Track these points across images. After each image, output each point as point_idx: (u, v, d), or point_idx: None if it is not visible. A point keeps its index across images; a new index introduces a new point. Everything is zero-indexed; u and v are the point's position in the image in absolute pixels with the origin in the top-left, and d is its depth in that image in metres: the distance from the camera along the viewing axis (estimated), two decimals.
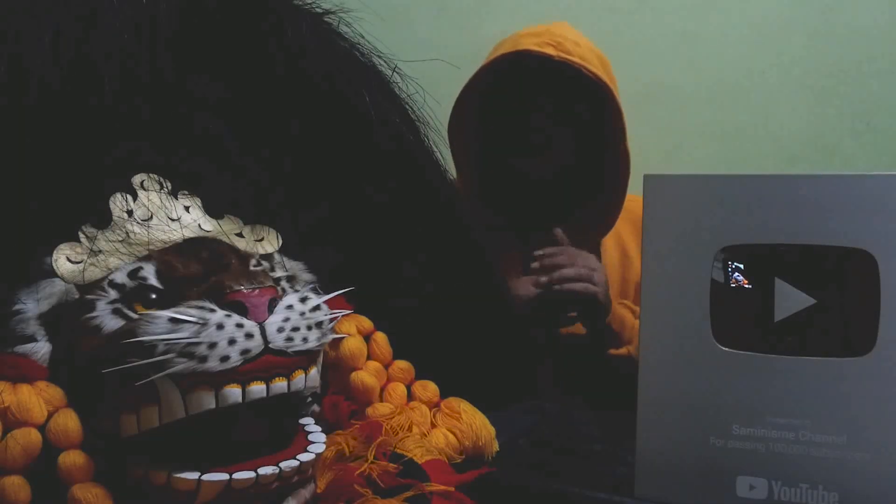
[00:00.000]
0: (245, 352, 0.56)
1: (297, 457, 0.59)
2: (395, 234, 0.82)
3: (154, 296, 0.61)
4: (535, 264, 1.15)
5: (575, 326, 1.22)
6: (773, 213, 0.65)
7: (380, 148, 0.81)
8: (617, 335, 1.18)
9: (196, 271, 0.62)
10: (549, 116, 1.22)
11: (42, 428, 0.56)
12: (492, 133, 1.28)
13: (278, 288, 0.63)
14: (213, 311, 0.57)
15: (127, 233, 0.64)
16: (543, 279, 1.13)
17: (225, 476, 0.55)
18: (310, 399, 0.68)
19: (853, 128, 1.48)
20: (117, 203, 0.65)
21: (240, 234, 0.70)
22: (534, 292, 1.14)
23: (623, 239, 1.32)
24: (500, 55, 1.21)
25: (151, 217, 0.66)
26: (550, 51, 1.18)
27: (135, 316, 0.59)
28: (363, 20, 0.82)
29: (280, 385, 0.58)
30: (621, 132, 1.21)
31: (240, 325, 0.57)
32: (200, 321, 0.56)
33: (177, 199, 0.68)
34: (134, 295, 0.61)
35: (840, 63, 1.47)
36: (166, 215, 0.66)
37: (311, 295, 0.63)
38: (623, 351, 1.18)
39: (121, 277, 0.61)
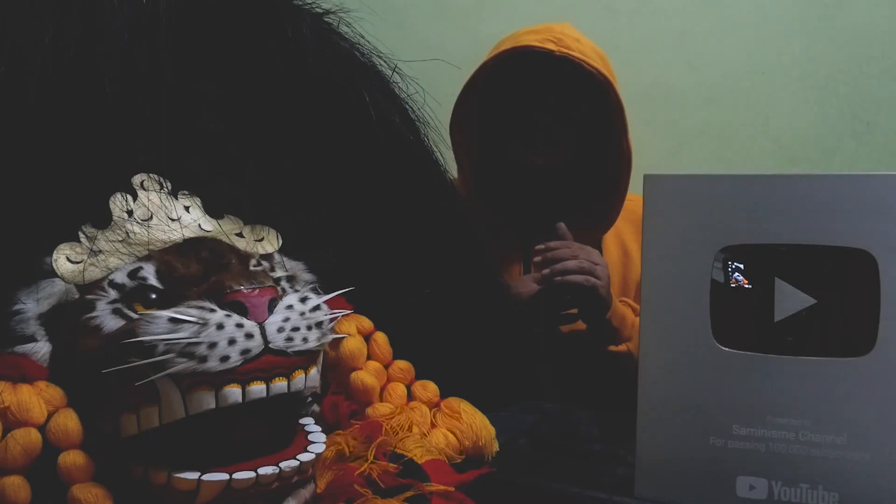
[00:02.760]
0: (245, 352, 0.56)
1: (297, 457, 0.58)
2: (395, 234, 0.82)
3: (154, 296, 0.61)
4: (536, 258, 1.15)
5: (576, 324, 1.21)
6: (773, 213, 0.65)
7: (380, 148, 0.81)
8: (617, 331, 1.18)
9: (196, 271, 0.62)
10: (550, 112, 1.22)
11: (42, 428, 0.56)
12: (493, 131, 1.28)
13: (278, 288, 0.63)
14: (213, 311, 0.57)
15: (127, 233, 0.64)
16: (545, 272, 1.13)
17: (225, 476, 0.55)
18: (310, 399, 0.68)
19: (853, 128, 1.48)
20: (117, 203, 0.65)
21: (240, 234, 0.70)
22: (534, 289, 1.14)
23: (624, 238, 1.32)
24: (502, 51, 1.21)
25: (151, 217, 0.66)
26: (551, 46, 1.18)
27: (135, 316, 0.59)
28: (363, 20, 0.82)
29: (280, 385, 0.58)
30: (622, 128, 1.21)
31: (240, 325, 0.57)
32: (200, 321, 0.56)
33: (177, 199, 0.68)
34: (134, 295, 0.61)
35: (840, 63, 1.47)
36: (166, 215, 0.66)
37: (311, 295, 0.63)
38: (622, 348, 1.18)
39: (121, 277, 0.61)
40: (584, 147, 1.26)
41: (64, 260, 0.62)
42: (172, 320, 0.56)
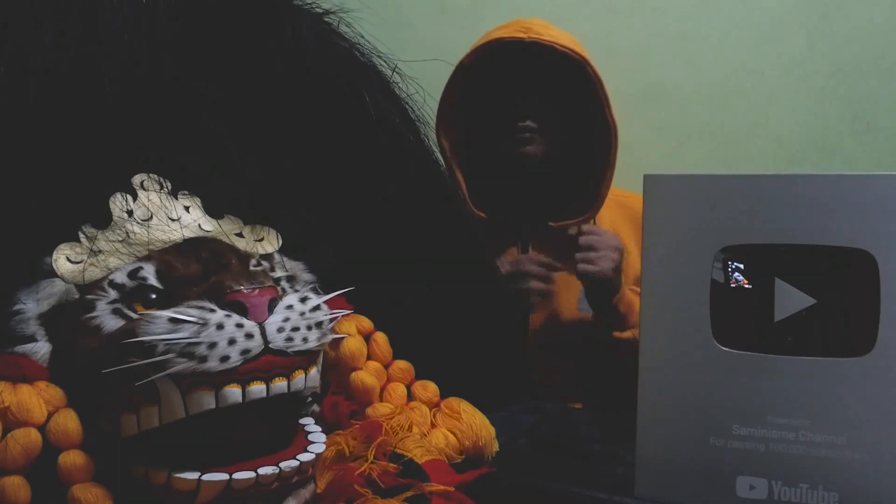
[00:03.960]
0: (245, 352, 0.56)
1: (297, 457, 0.59)
2: (395, 233, 0.82)
3: (154, 296, 0.61)
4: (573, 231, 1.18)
5: (584, 314, 1.22)
6: (773, 213, 0.65)
7: (380, 148, 0.81)
8: (623, 318, 1.19)
9: (196, 271, 0.62)
10: (533, 100, 1.23)
11: (42, 428, 0.56)
12: (480, 131, 1.29)
13: (278, 288, 0.63)
14: (213, 311, 0.57)
15: (127, 233, 0.64)
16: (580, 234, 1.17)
17: (225, 476, 0.55)
18: (310, 399, 0.68)
19: (853, 128, 1.48)
20: (117, 203, 0.65)
21: (240, 234, 0.70)
22: (507, 269, 1.17)
23: (621, 234, 1.32)
24: (476, 48, 1.23)
25: (151, 217, 0.66)
26: (521, 35, 1.20)
27: (135, 316, 0.59)
28: (363, 20, 0.82)
29: (280, 385, 0.58)
30: (605, 102, 1.22)
31: (240, 325, 0.57)
32: (200, 321, 0.56)
33: (177, 199, 0.68)
34: (134, 295, 0.61)
35: (840, 63, 1.47)
36: (166, 215, 0.66)
37: (311, 295, 0.63)
38: (627, 334, 1.19)
39: (121, 277, 0.61)
40: (570, 130, 1.27)
41: (64, 260, 0.62)
42: (172, 320, 0.56)
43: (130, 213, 0.65)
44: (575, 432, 0.88)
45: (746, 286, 0.67)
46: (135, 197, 0.66)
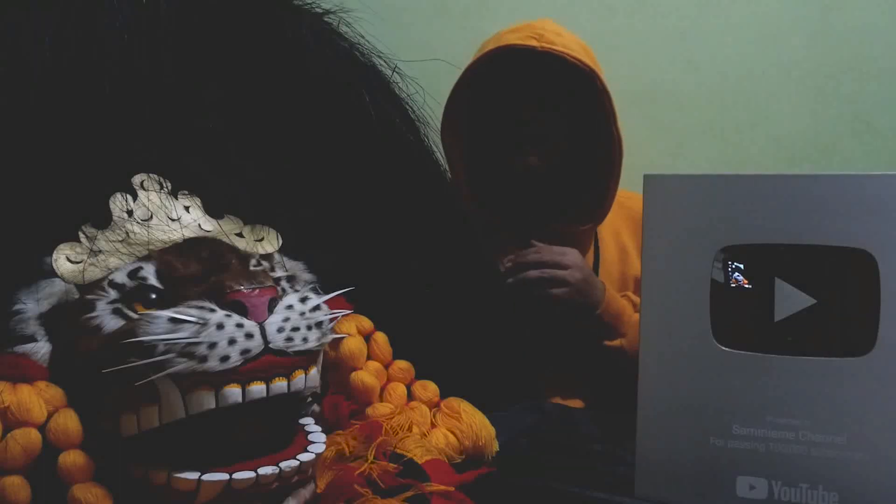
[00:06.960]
0: (245, 352, 0.56)
1: (297, 457, 0.59)
2: (395, 233, 0.82)
3: (154, 296, 0.61)
4: (507, 264, 1.15)
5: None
6: (773, 213, 0.65)
7: (380, 148, 0.81)
8: (610, 327, 1.17)
9: (196, 271, 0.62)
10: (539, 110, 1.22)
11: (42, 428, 0.56)
12: (484, 134, 1.28)
13: (278, 288, 0.63)
14: (213, 311, 0.57)
15: (127, 233, 0.64)
16: (510, 281, 1.13)
17: (225, 476, 0.55)
18: (310, 399, 0.68)
19: (853, 128, 1.48)
20: (117, 203, 0.65)
21: (240, 234, 0.70)
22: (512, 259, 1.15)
23: (621, 235, 1.33)
24: (485, 53, 1.22)
25: (151, 217, 0.66)
26: (533, 43, 1.18)
27: (135, 316, 0.59)
28: (363, 20, 0.82)
29: (280, 385, 0.58)
30: (611, 115, 1.21)
31: (240, 325, 0.57)
32: (200, 321, 0.56)
33: (177, 199, 0.68)
34: (134, 295, 0.61)
35: (840, 63, 1.47)
36: (166, 215, 0.66)
37: (311, 295, 0.63)
38: (616, 343, 1.18)
39: (121, 277, 0.61)
40: (575, 141, 1.26)
41: (64, 260, 0.62)
42: (172, 320, 0.56)
43: (130, 212, 0.65)
44: (575, 432, 0.88)
45: (746, 286, 0.67)
46: (135, 197, 0.66)
